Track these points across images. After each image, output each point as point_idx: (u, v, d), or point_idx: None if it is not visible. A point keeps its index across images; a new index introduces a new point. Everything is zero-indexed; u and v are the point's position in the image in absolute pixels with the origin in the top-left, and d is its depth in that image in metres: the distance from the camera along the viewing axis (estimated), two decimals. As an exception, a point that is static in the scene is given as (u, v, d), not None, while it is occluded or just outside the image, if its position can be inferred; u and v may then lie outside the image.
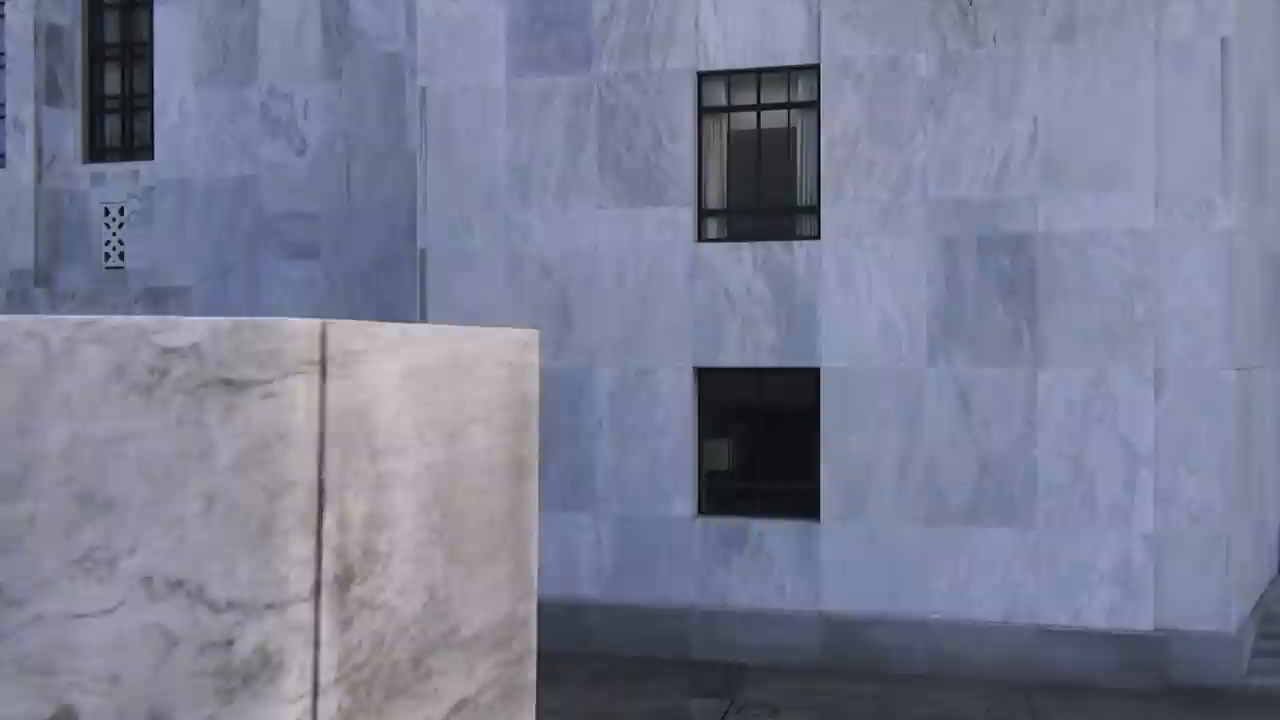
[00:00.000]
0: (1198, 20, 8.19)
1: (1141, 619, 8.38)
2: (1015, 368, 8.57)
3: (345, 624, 1.16)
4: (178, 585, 1.10)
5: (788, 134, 9.04)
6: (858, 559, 8.61)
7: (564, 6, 9.48)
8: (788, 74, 9.13)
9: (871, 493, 8.60)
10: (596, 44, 9.39)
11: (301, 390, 1.10)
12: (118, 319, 1.12)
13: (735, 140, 9.09)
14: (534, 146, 9.21)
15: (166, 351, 1.12)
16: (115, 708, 1.10)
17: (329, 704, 1.13)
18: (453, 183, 9.37)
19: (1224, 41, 8.26)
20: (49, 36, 13.67)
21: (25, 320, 1.14)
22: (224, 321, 1.11)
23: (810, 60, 8.99)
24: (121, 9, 14.44)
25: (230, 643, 1.08)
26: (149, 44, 12.95)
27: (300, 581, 1.09)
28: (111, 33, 14.62)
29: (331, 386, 1.13)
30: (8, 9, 13.30)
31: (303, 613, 1.10)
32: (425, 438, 1.29)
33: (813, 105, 8.98)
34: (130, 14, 14.40)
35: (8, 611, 1.13)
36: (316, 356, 1.11)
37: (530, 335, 1.55)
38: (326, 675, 1.13)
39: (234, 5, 12.13)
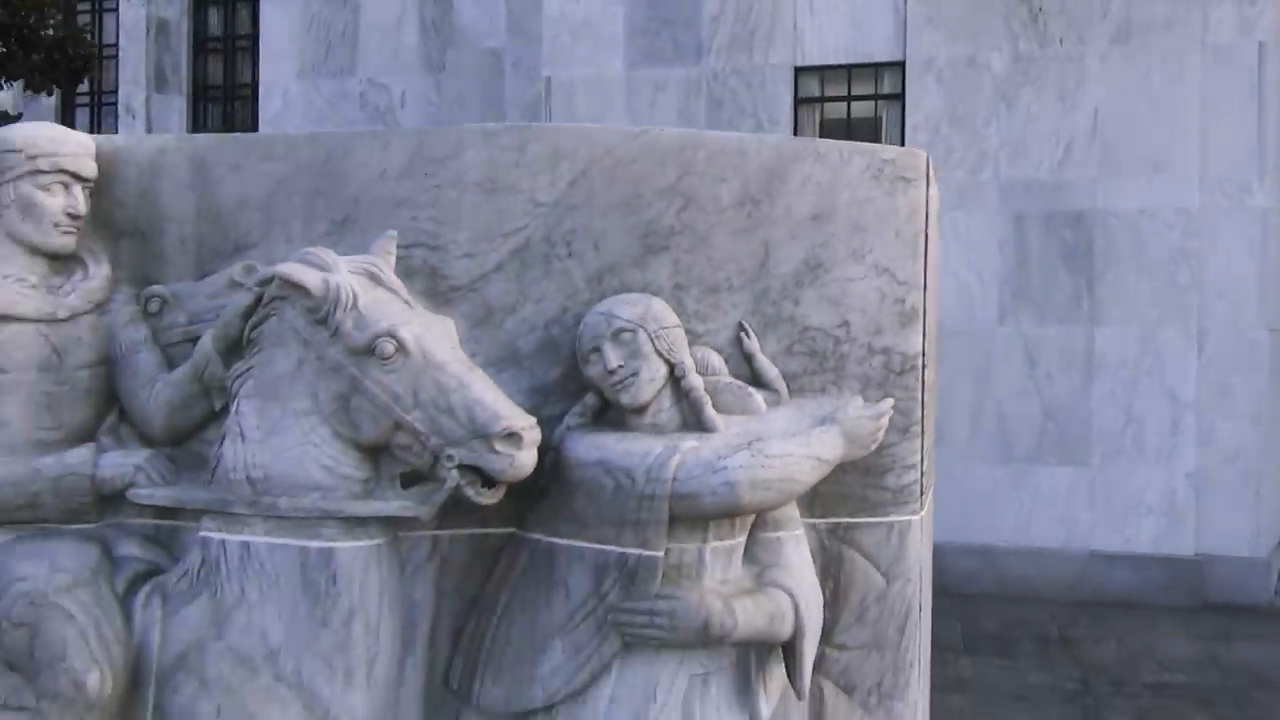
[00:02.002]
0: (1238, 27, 9.28)
1: (1183, 545, 9.24)
2: (1075, 327, 9.44)
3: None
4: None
5: (874, 123, 10.17)
6: (936, 494, 9.68)
7: (677, 8, 10.58)
8: (875, 70, 10.23)
9: (948, 437, 9.32)
10: (706, 41, 10.48)
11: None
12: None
13: (827, 128, 10.20)
14: (650, 131, 10.35)
15: (884, 160, 2.47)
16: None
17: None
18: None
19: (1261, 46, 9.28)
20: (158, 29, 14.60)
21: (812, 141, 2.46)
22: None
23: (896, 58, 10.05)
24: (224, 5, 15.52)
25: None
26: (252, 37, 13.96)
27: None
28: (214, 26, 15.72)
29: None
30: (121, 4, 14.34)
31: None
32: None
33: (898, 97, 10.04)
34: (232, 9, 15.50)
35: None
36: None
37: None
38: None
39: (336, 2, 13.07)
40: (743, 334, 2.50)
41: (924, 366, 2.69)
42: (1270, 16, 9.19)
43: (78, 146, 2.55)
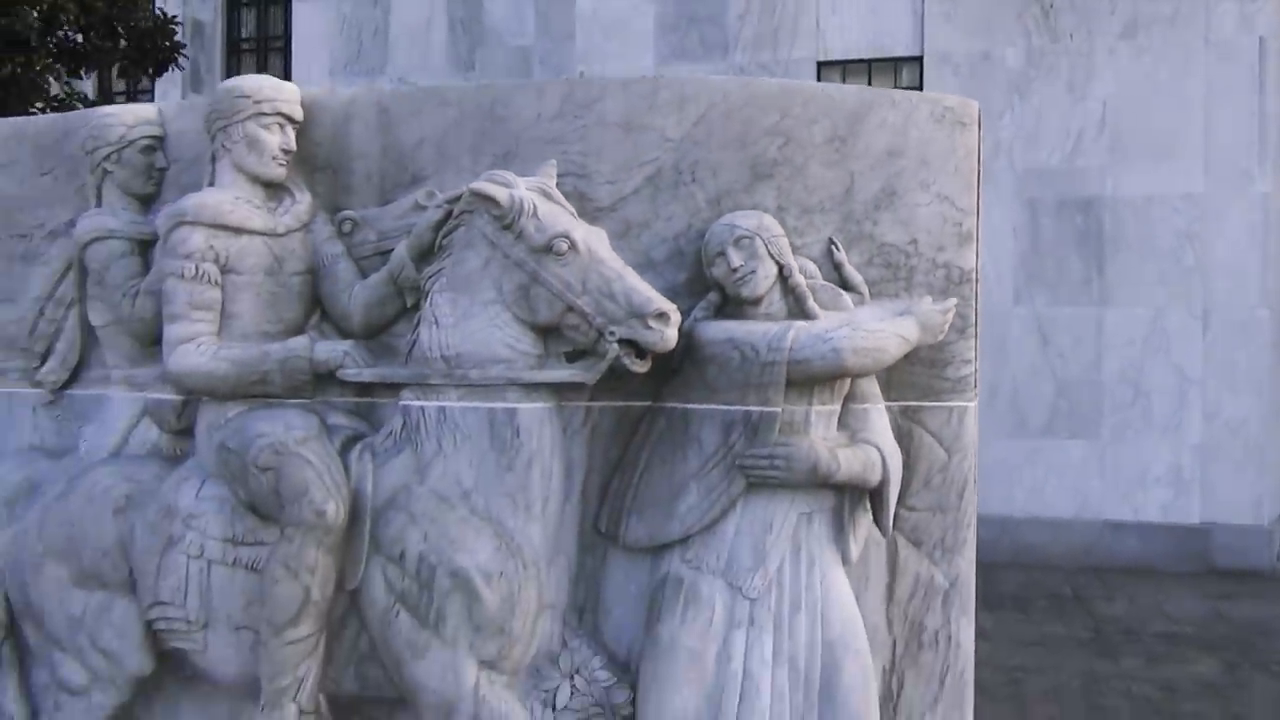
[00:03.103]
0: (1239, 22, 9.79)
1: (1190, 514, 9.75)
2: (1086, 307, 9.93)
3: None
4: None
5: (894, 114, 10.73)
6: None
7: (704, 6, 11.12)
8: (895, 64, 10.76)
9: (966, 411, 9.98)
10: (732, 38, 11.01)
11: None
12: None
13: (848, 119, 10.75)
14: (682, 122, 10.89)
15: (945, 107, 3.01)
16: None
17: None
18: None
19: (1261, 40, 9.76)
20: (193, 30, 15.08)
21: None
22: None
23: (914, 53, 10.58)
24: (258, 6, 16.06)
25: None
26: (284, 37, 14.50)
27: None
28: (248, 28, 16.29)
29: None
30: (157, 6, 14.82)
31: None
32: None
33: (916, 90, 10.60)
34: (265, 10, 16.07)
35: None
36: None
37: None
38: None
39: (367, 2, 13.53)
40: (833, 247, 3.07)
41: (976, 280, 3.26)
42: (1270, 12, 9.72)
43: (291, 94, 3.14)
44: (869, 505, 3.02)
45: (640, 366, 2.85)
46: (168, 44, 7.87)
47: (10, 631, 3.40)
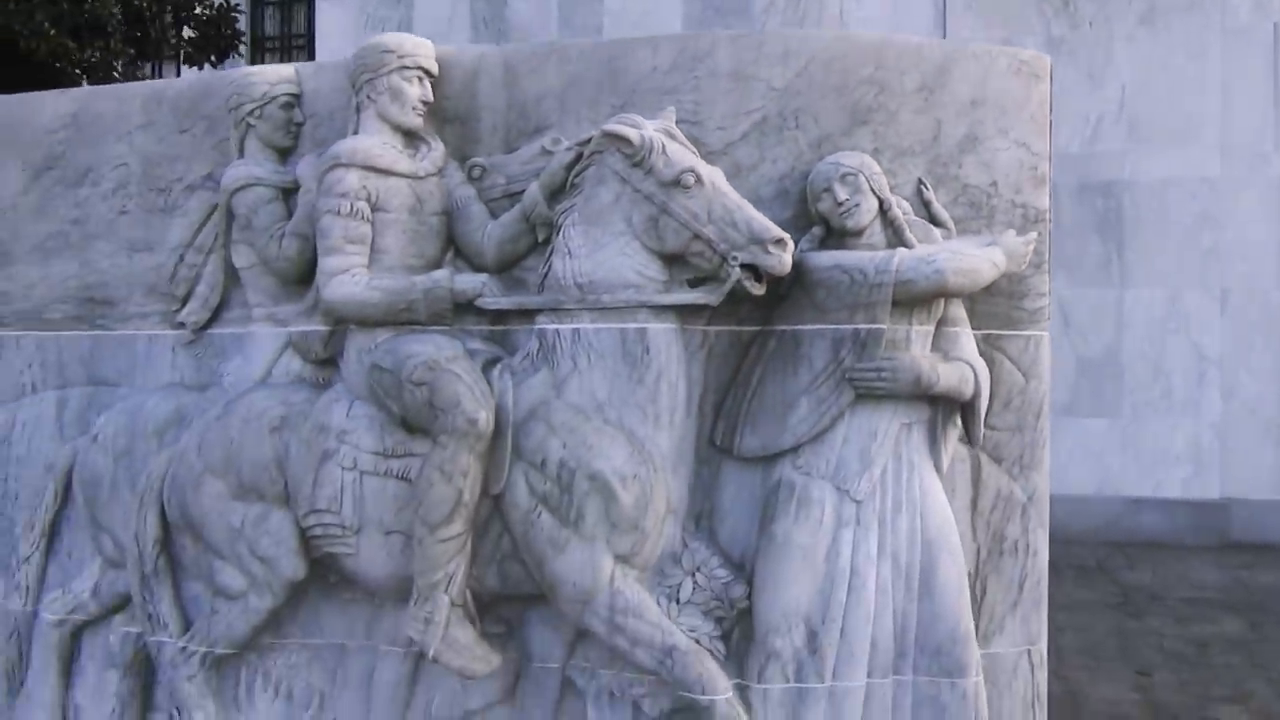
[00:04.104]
0: (1254, 9, 10.02)
1: (1209, 490, 10.01)
2: (1106, 289, 10.15)
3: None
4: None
5: (917, 102, 10.99)
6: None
7: None
8: None
9: (991, 390, 10.19)
10: (757, 29, 11.33)
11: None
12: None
13: (873, 108, 11.03)
14: (714, 111, 11.15)
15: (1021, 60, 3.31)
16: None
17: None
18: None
19: (1275, 26, 10.01)
20: None
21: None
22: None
23: None
24: (282, 5, 16.36)
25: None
26: (307, 36, 14.80)
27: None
28: (271, 26, 16.60)
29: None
30: None
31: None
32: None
33: None
34: (289, 9, 16.39)
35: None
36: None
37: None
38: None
39: (390, 1, 13.78)
40: (922, 187, 3.38)
41: (1049, 220, 3.56)
42: (1284, -2, 10.01)
43: (429, 50, 3.46)
44: (958, 420, 3.32)
45: (758, 289, 3.15)
46: (229, 32, 8.18)
47: (164, 546, 3.70)
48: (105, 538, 3.90)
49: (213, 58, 8.62)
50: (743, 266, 3.12)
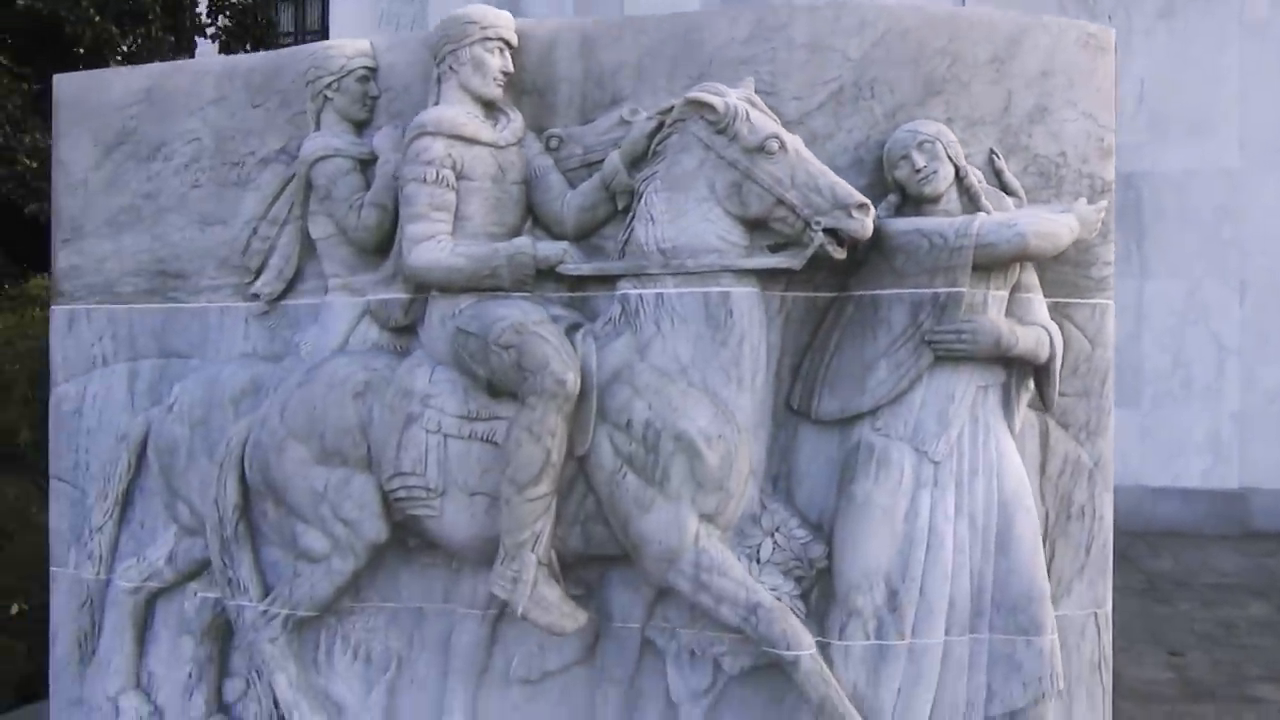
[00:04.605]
0: (1273, 3, 10.15)
1: (1228, 479, 10.08)
2: (1126, 280, 10.05)
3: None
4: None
5: (937, 95, 11.04)
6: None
7: None
8: None
9: (1011, 380, 10.27)
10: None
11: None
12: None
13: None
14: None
15: (1089, 33, 3.35)
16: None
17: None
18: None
19: None
20: None
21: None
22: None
23: None
24: (296, 1, 16.38)
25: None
26: (321, 31, 14.85)
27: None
28: (286, 21, 16.63)
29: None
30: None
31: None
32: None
33: None
34: (304, 5, 16.42)
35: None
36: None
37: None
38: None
39: None
40: (994, 156, 3.44)
41: (1114, 191, 3.62)
42: (1303, -8, 10.08)
43: (509, 21, 3.52)
44: (1030, 384, 3.38)
45: (839, 254, 3.21)
46: (264, 21, 8.25)
47: (243, 512, 3.76)
48: (181, 505, 3.96)
49: (247, 47, 8.70)
50: (824, 231, 3.18)
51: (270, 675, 3.68)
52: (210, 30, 8.34)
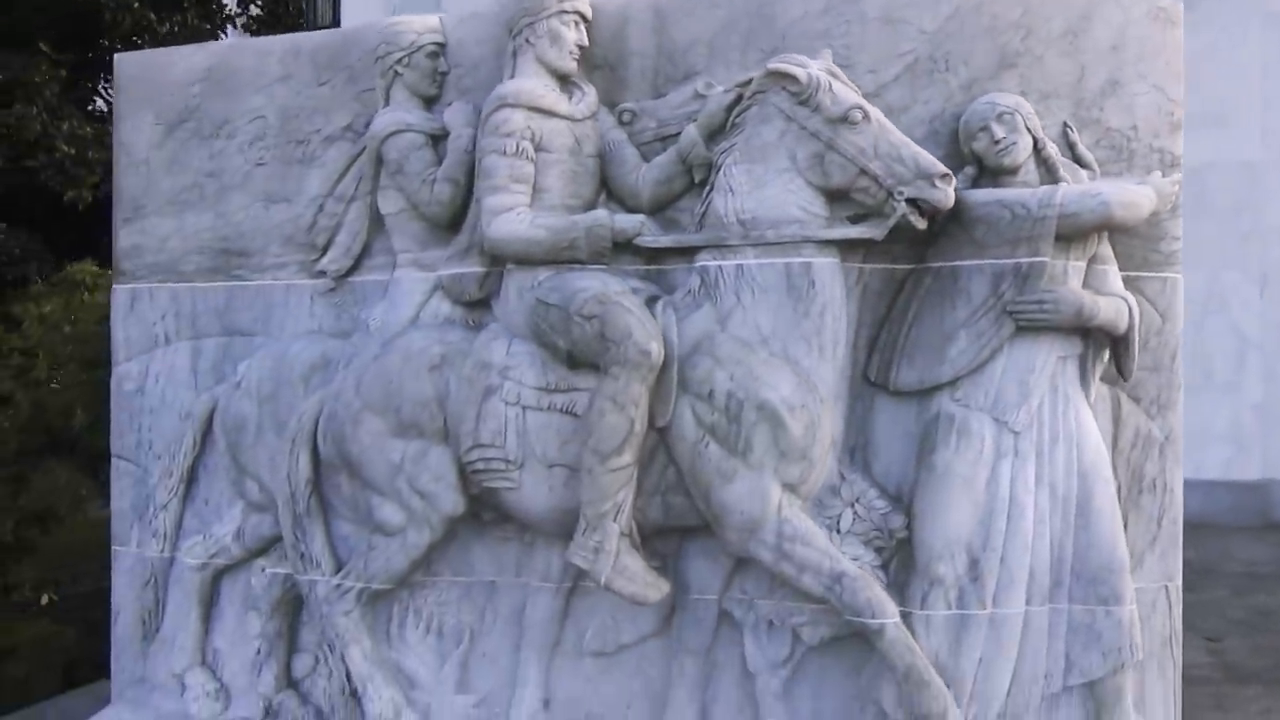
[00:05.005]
0: None
1: (1250, 471, 10.01)
2: None
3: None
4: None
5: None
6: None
7: None
8: None
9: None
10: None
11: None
12: None
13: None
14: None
15: (1159, 7, 3.41)
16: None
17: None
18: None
19: None
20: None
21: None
22: None
23: None
24: (307, -1, 16.36)
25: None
26: (334, 24, 14.84)
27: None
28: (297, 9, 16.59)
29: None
30: None
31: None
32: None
33: None
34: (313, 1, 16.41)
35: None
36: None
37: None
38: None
39: None
40: (1068, 129, 3.45)
41: (1182, 165, 3.64)
42: (1324, -15, 10.10)
43: None
44: (1105, 356, 3.39)
45: (921, 224, 3.22)
46: (295, 9, 8.27)
47: (315, 486, 3.77)
48: (249, 482, 3.96)
49: (278, 31, 8.72)
50: (906, 201, 3.19)
51: (344, 649, 3.68)
52: (241, 21, 8.35)
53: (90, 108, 8.10)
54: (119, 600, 4.32)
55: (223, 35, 8.79)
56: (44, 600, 7.45)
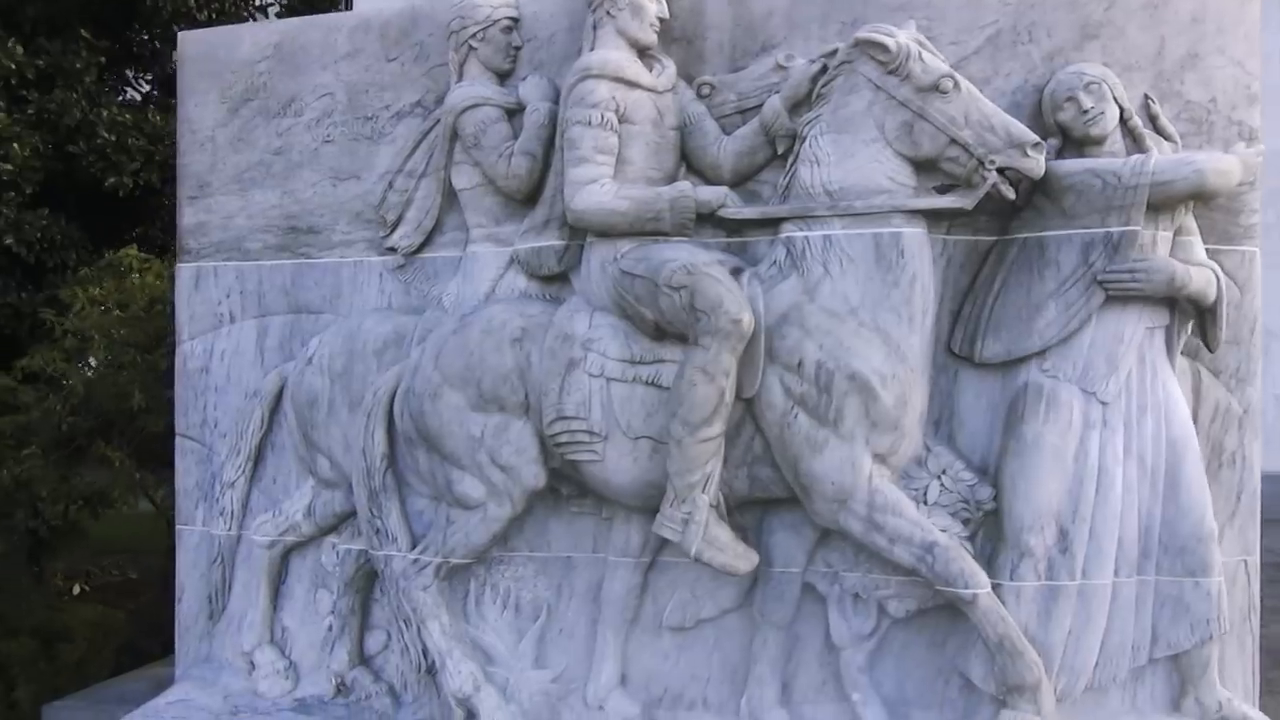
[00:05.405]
0: None
1: (1272, 462, 10.24)
2: None
3: None
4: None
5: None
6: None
7: None
8: None
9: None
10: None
11: None
12: None
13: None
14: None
15: None
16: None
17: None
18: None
19: None
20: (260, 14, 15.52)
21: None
22: None
23: None
24: (319, -6, 16.34)
25: None
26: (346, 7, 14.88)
27: None
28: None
29: None
30: None
31: None
32: None
33: None
34: (325, -1, 16.38)
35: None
36: None
37: None
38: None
39: None
40: (1149, 101, 3.44)
41: (1261, 138, 3.62)
42: (1350, -25, 10.15)
43: None
44: (1189, 328, 3.38)
45: (1011, 193, 3.21)
46: (326, -5, 8.26)
47: (391, 461, 3.76)
48: (320, 458, 3.95)
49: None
50: (997, 171, 3.18)
51: (422, 623, 3.67)
52: (275, 11, 8.33)
53: (122, 97, 8.10)
54: (183, 580, 4.31)
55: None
56: (75, 590, 7.46)
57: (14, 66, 6.52)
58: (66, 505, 5.67)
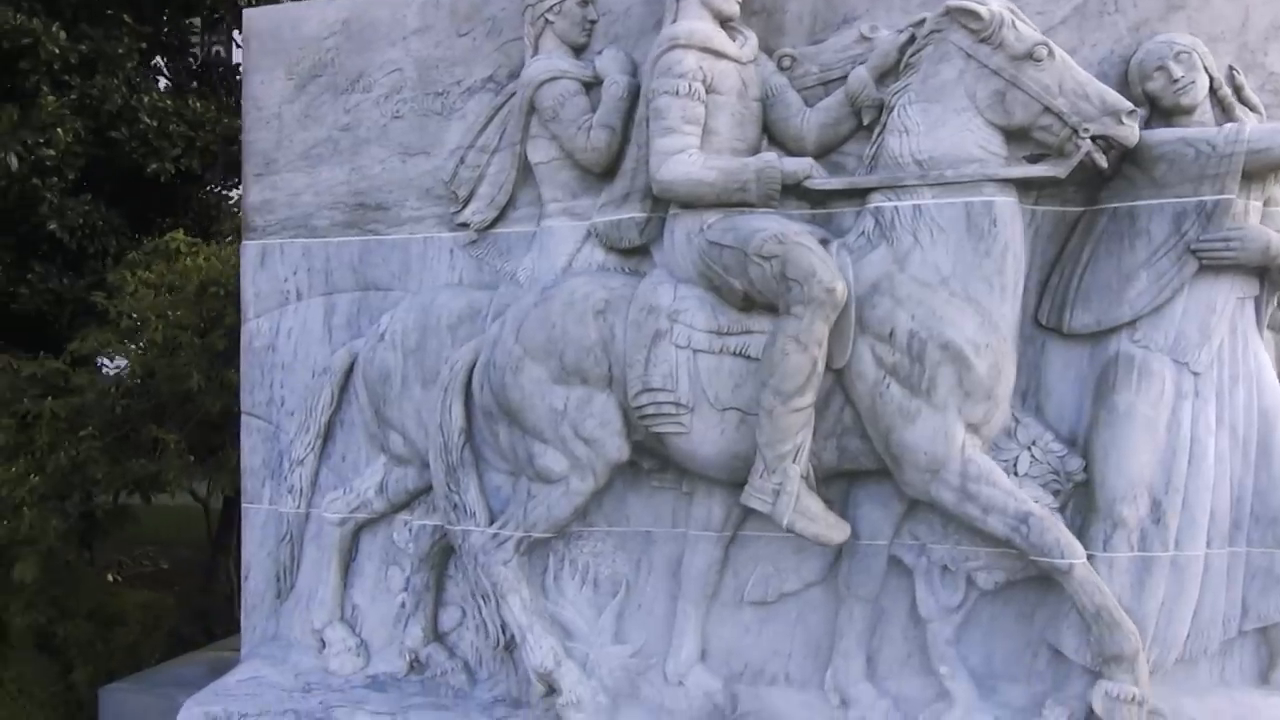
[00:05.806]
0: None
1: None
2: None
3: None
4: None
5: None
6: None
7: None
8: None
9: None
10: None
11: None
12: None
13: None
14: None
15: None
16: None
17: None
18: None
19: None
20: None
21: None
22: None
23: None
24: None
25: None
26: None
27: None
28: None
29: None
30: None
31: None
32: None
33: None
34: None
35: None
36: None
37: None
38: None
39: None
40: (1234, 72, 3.42)
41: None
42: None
43: None
44: (1278, 299, 3.36)
45: (1104, 162, 3.19)
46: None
47: (468, 435, 3.74)
48: (393, 434, 3.94)
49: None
50: (1090, 139, 3.17)
51: (501, 598, 3.65)
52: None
53: (168, 82, 8.08)
54: (249, 558, 4.29)
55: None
56: (110, 579, 7.44)
57: (57, 52, 6.50)
58: (118, 489, 5.65)
